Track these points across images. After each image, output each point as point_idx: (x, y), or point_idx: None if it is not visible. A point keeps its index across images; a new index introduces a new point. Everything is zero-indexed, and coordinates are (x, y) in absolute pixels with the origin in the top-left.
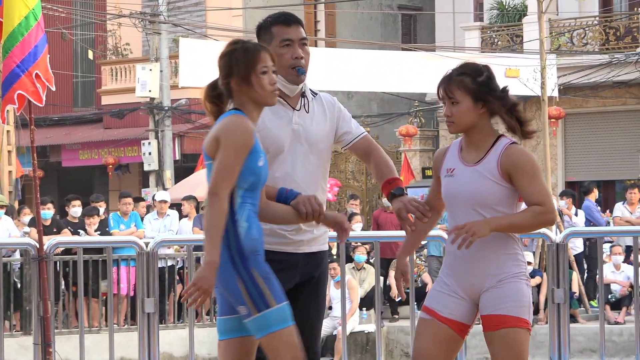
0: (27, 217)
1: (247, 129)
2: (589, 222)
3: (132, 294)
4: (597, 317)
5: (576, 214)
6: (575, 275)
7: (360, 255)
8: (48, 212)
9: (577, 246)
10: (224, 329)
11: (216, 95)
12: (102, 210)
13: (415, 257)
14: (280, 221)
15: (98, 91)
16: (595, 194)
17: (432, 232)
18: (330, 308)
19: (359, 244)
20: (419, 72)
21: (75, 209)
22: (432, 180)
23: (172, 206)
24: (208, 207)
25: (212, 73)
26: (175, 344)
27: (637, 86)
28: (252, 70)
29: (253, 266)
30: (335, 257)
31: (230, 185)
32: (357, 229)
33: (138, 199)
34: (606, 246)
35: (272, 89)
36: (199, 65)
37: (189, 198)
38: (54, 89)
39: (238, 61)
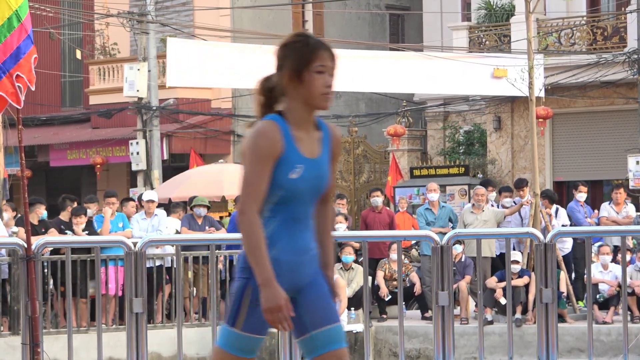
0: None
1: (269, 137)
2: (571, 223)
3: (120, 293)
4: (585, 317)
5: (556, 216)
6: (563, 275)
7: (347, 256)
8: (44, 213)
9: (565, 247)
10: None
11: (269, 88)
12: (93, 211)
13: (403, 257)
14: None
15: (86, 91)
16: (583, 192)
17: (422, 232)
18: None
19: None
20: (407, 72)
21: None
22: None
23: (159, 205)
24: (240, 229)
25: (200, 72)
26: (164, 344)
27: (625, 86)
28: (306, 65)
29: (252, 284)
30: None
31: (258, 199)
32: (340, 229)
33: (127, 199)
34: (594, 246)
35: (324, 91)
36: (187, 64)
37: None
38: (33, 88)
39: (294, 53)
